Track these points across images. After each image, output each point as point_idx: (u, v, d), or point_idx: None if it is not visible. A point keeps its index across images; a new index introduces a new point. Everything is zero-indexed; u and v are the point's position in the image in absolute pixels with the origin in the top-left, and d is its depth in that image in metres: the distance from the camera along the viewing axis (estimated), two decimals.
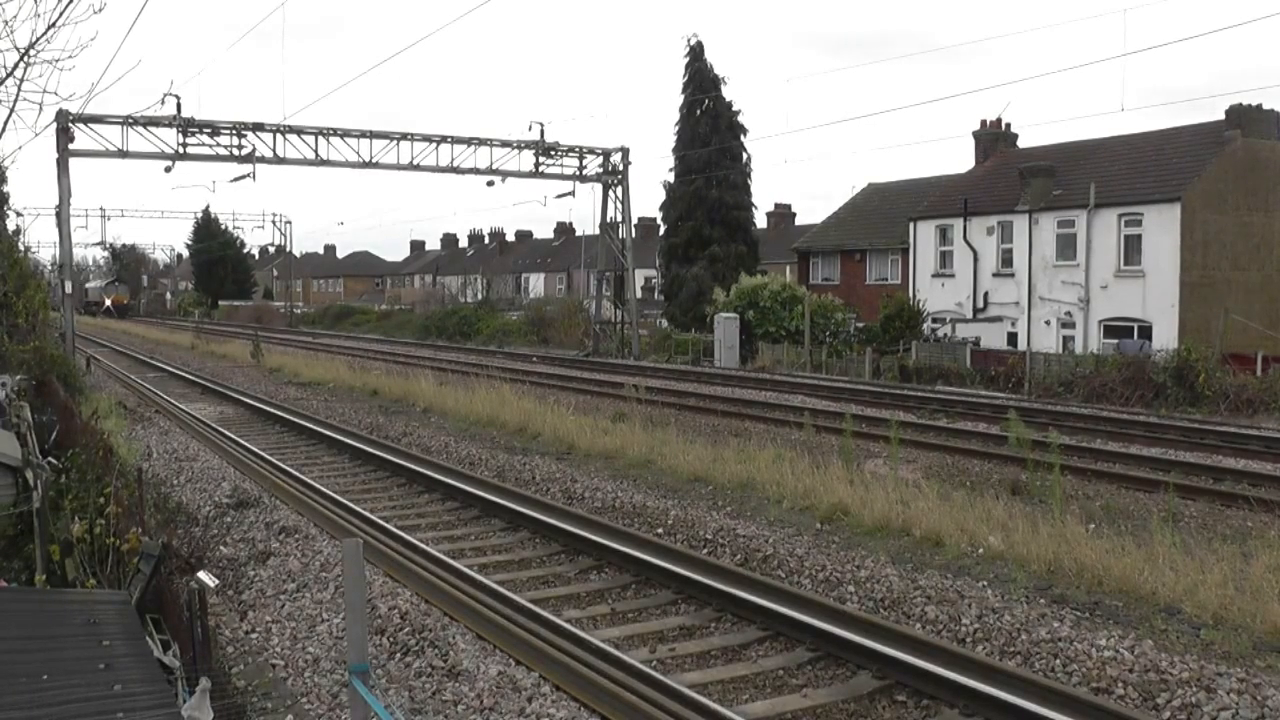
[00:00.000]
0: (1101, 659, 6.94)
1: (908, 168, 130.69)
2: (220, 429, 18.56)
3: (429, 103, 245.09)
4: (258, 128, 32.66)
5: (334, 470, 15.35)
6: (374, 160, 34.39)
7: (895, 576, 8.86)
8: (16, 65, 8.00)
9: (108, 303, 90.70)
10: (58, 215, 31.10)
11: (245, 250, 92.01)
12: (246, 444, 16.64)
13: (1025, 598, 8.48)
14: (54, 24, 7.73)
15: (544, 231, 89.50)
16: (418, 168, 35.16)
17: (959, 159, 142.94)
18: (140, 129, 31.08)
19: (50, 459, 9.61)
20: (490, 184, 37.05)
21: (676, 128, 44.21)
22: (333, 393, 25.72)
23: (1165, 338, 28.31)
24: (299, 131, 33.28)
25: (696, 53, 43.43)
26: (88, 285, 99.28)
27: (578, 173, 38.24)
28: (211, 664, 5.88)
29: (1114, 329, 31.40)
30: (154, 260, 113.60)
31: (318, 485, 13.13)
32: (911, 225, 38.58)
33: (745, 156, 43.94)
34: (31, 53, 7.90)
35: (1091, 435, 17.65)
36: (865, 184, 52.30)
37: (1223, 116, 32.07)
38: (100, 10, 7.85)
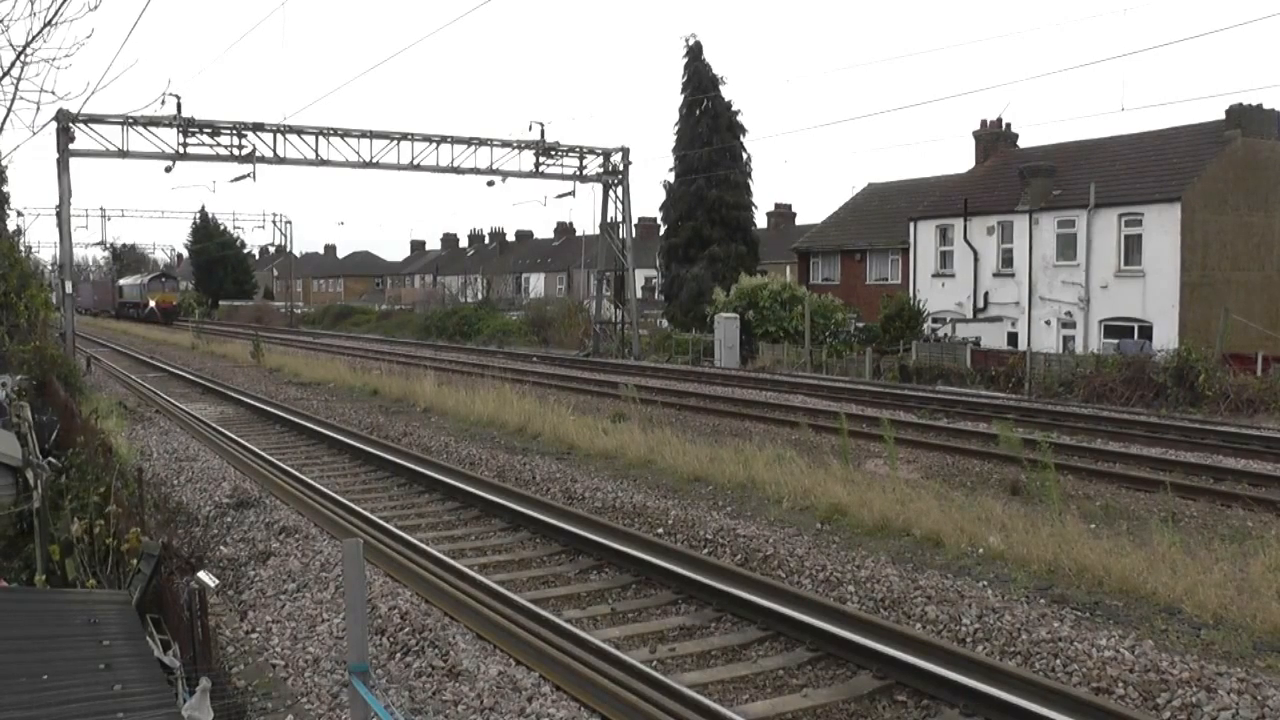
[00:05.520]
0: (1102, 659, 6.94)
1: (908, 168, 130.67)
2: (220, 429, 18.56)
3: (429, 103, 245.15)
4: (258, 128, 32.66)
5: (334, 470, 15.34)
6: (374, 160, 34.39)
7: (895, 576, 8.86)
8: (13, 64, 7.98)
9: (152, 304, 71.55)
10: (58, 215, 31.11)
11: (245, 250, 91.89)
12: (247, 444, 16.63)
13: (1025, 598, 8.47)
14: (50, 22, 7.70)
15: (544, 231, 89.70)
16: (418, 168, 35.16)
17: (959, 159, 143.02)
18: (140, 129, 31.08)
19: (50, 459, 9.61)
20: (490, 184, 37.09)
21: (676, 128, 44.22)
22: (333, 393, 25.72)
23: (1165, 338, 28.31)
24: (299, 131, 33.28)
25: (695, 53, 43.43)
26: (122, 283, 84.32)
27: (578, 173, 38.25)
28: (211, 664, 5.88)
29: (1114, 329, 31.40)
30: (154, 260, 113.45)
31: (318, 485, 13.12)
32: (911, 225, 38.58)
33: (745, 156, 43.98)
34: (28, 51, 7.88)
35: (1092, 435, 17.64)
36: (865, 184, 52.38)
37: (1223, 116, 32.08)
38: (95, 8, 7.82)
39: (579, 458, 15.60)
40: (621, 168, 38.69)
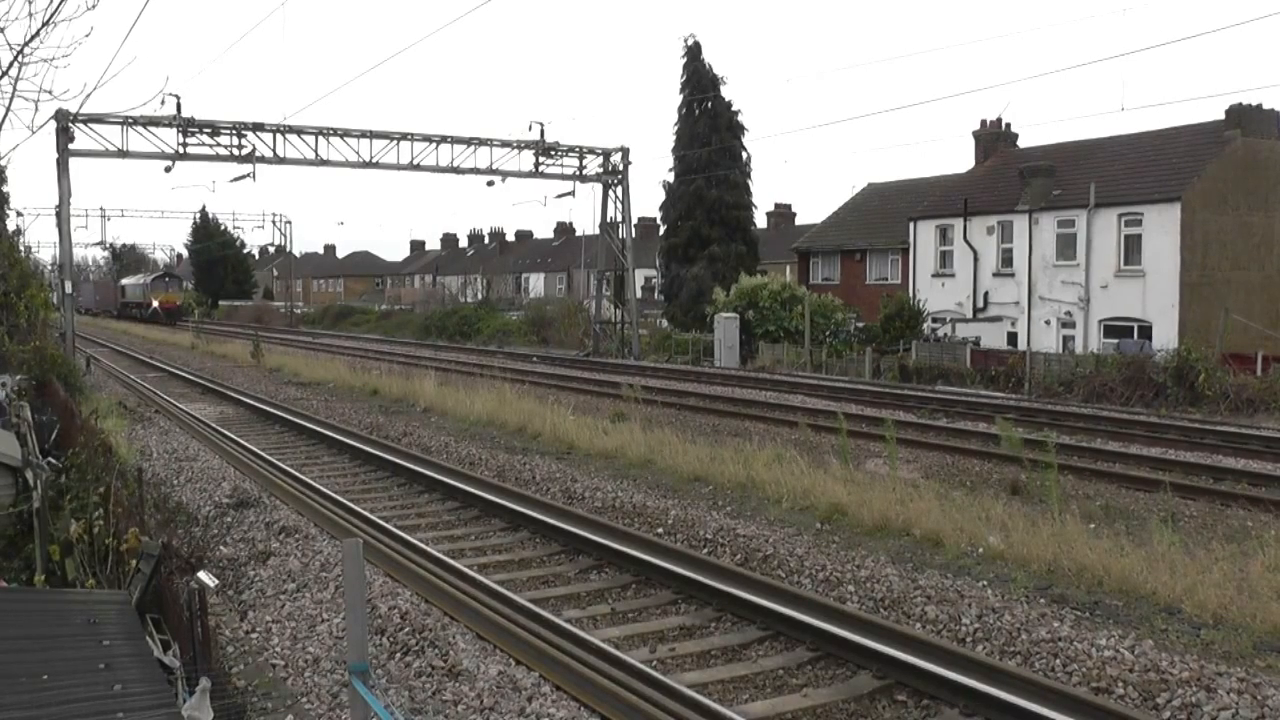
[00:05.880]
0: (1101, 659, 6.95)
1: (908, 168, 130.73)
2: (220, 429, 18.56)
3: (429, 103, 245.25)
4: (258, 128, 32.66)
5: (334, 470, 15.34)
6: (374, 160, 34.39)
7: (895, 576, 8.86)
8: (11, 64, 7.97)
9: (155, 304, 70.47)
10: (58, 215, 31.11)
11: (245, 250, 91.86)
12: (246, 444, 16.63)
13: (1025, 597, 8.48)
14: (48, 21, 7.68)
15: (544, 231, 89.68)
16: (418, 168, 35.16)
17: (959, 159, 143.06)
18: (140, 129, 31.08)
19: (50, 459, 9.62)
20: (490, 184, 37.08)
21: (676, 128, 44.21)
22: (333, 393, 25.72)
23: (1165, 337, 28.31)
24: (299, 131, 33.28)
25: (694, 53, 43.42)
26: (124, 282, 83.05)
27: (578, 173, 38.24)
28: (211, 664, 5.88)
29: (1114, 329, 31.40)
30: (154, 260, 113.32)
31: (318, 485, 13.13)
32: (911, 225, 38.58)
33: (745, 156, 43.96)
34: (26, 51, 7.87)
35: (1091, 435, 17.64)
36: (865, 184, 52.37)
37: (1223, 116, 32.08)
38: (94, 7, 7.80)
39: (579, 457, 15.60)
40: (621, 168, 38.69)
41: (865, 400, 23.07)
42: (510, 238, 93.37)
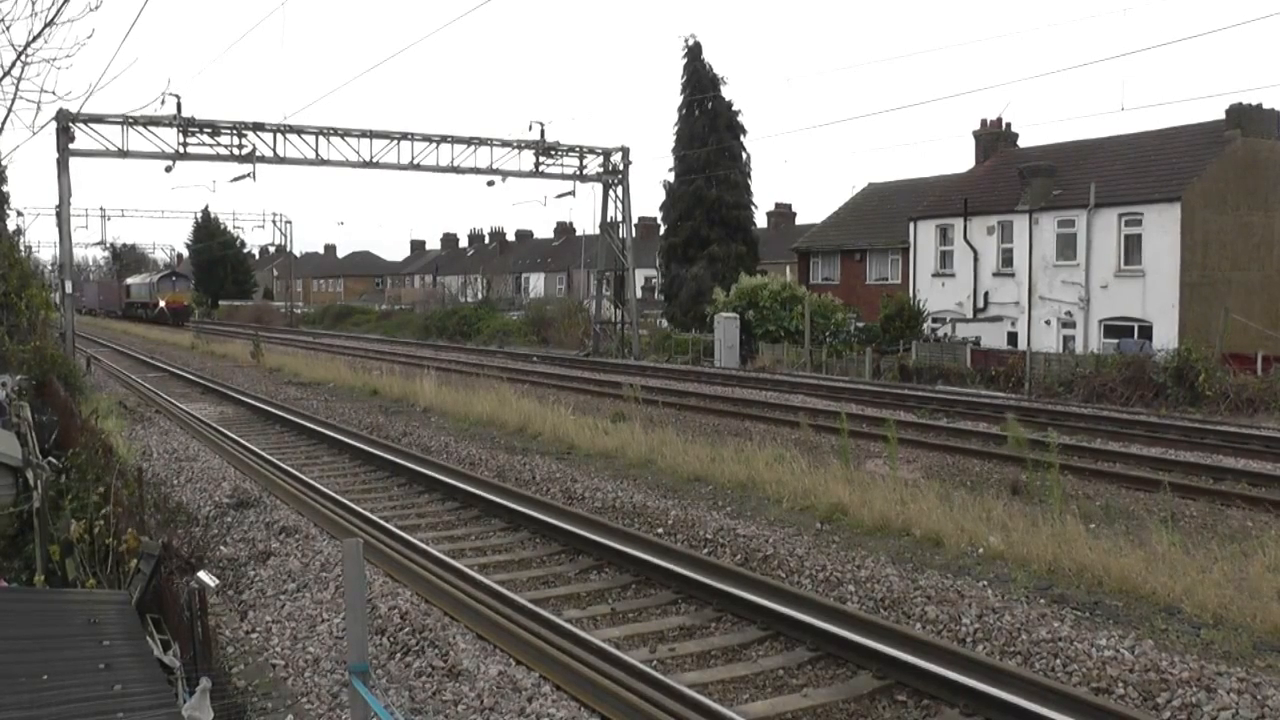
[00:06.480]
0: (1101, 659, 6.95)
1: (908, 168, 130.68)
2: (220, 429, 18.56)
3: (429, 103, 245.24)
4: (258, 127, 32.66)
5: (334, 470, 15.34)
6: (374, 160, 34.40)
7: (895, 576, 8.86)
8: (13, 64, 7.98)
9: (161, 304, 69.00)
10: (58, 215, 31.12)
11: (245, 250, 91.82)
12: (247, 444, 16.63)
13: (1025, 598, 8.48)
14: (50, 22, 7.70)
15: (544, 231, 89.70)
16: (418, 168, 35.17)
17: (959, 159, 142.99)
18: (140, 129, 31.08)
19: (50, 459, 9.62)
20: (490, 184, 37.10)
21: (676, 128, 44.25)
22: (333, 393, 25.72)
23: (1165, 337, 28.32)
24: (299, 131, 33.28)
25: (695, 53, 43.46)
26: (129, 282, 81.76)
27: (578, 172, 38.25)
28: (211, 664, 5.88)
29: (1114, 329, 31.40)
30: (154, 260, 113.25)
31: (318, 485, 13.12)
32: (911, 225, 38.59)
33: (745, 156, 44.01)
34: (29, 51, 7.88)
35: (1092, 435, 17.64)
36: (865, 184, 52.35)
37: (1223, 116, 32.09)
38: (97, 8, 7.82)
39: (579, 457, 15.60)
40: (621, 167, 38.69)
41: (865, 400, 23.07)
42: (510, 238, 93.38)
